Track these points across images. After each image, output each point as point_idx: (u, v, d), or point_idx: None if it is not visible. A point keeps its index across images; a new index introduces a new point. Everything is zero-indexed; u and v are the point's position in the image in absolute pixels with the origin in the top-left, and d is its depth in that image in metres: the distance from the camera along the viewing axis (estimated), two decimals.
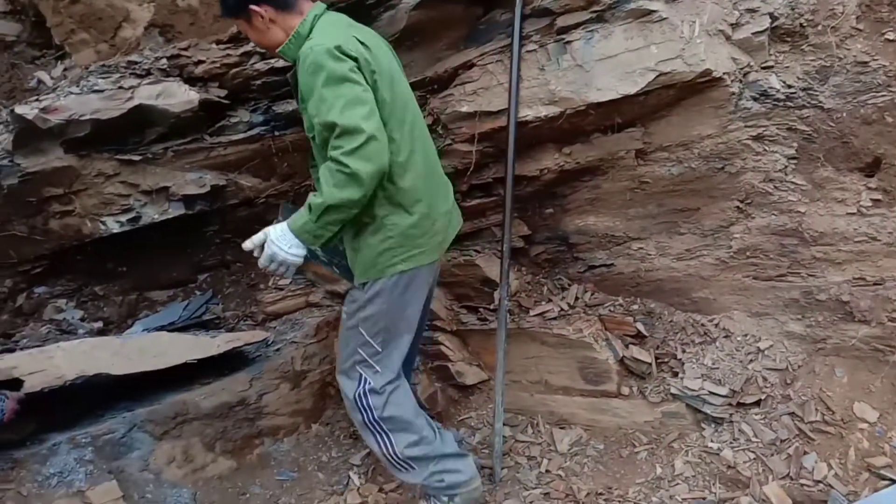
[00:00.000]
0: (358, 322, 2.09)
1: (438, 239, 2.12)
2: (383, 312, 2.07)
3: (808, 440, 2.38)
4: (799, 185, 2.37)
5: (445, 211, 2.16)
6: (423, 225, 2.05)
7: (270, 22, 1.99)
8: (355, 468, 2.63)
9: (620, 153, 2.44)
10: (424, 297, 2.21)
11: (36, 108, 2.32)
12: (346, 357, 2.15)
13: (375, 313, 2.07)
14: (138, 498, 2.37)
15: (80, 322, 2.78)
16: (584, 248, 2.72)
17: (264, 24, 1.99)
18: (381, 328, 2.08)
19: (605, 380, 2.65)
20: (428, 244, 2.08)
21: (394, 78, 2.03)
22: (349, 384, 2.14)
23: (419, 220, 2.03)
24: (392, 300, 2.06)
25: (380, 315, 2.07)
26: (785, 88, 2.28)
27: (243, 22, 2.04)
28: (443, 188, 2.20)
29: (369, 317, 2.07)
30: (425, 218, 2.05)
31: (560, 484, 2.51)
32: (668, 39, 2.22)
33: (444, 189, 2.21)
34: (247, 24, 2.03)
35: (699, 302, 2.63)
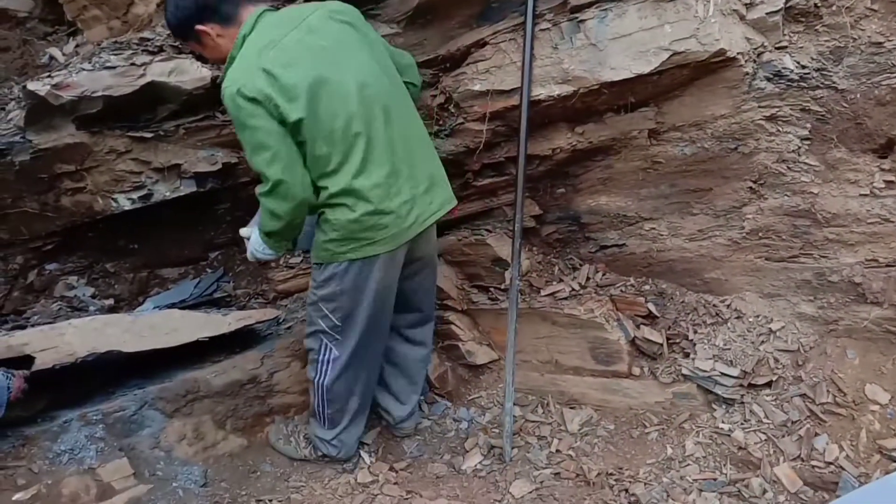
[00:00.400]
0: (318, 298, 2.24)
1: (393, 231, 2.10)
2: (337, 294, 2.19)
3: (819, 422, 2.38)
4: (812, 166, 2.36)
5: (405, 201, 2.10)
6: (367, 221, 2.06)
7: (219, 37, 2.06)
8: (366, 447, 2.63)
9: (633, 133, 2.43)
10: (388, 281, 2.21)
11: (48, 85, 2.31)
12: (309, 323, 2.35)
13: (330, 294, 2.19)
14: (149, 475, 2.37)
15: (92, 299, 2.79)
16: (595, 228, 2.72)
17: (214, 41, 2.07)
18: (338, 306, 2.21)
19: (616, 360, 2.65)
20: (378, 237, 2.09)
21: (323, 82, 1.98)
22: (314, 347, 2.34)
23: (361, 217, 2.05)
24: (344, 284, 2.17)
25: (334, 295, 2.19)
26: (799, 69, 2.27)
27: (194, 43, 2.13)
28: (405, 177, 2.11)
29: (325, 296, 2.20)
30: (370, 214, 2.06)
31: (570, 464, 2.51)
32: (682, 19, 2.21)
33: (408, 176, 2.12)
34: (198, 44, 2.12)
35: (711, 283, 2.63)
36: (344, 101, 2.01)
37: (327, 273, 2.18)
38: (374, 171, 2.06)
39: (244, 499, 2.42)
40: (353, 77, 2.04)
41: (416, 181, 2.14)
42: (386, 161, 2.08)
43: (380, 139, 2.07)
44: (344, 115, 2.01)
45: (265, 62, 1.95)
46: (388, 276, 2.21)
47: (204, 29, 2.04)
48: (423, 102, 2.57)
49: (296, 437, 2.58)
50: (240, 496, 2.43)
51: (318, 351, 2.33)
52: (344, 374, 2.35)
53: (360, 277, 2.16)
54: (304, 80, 1.96)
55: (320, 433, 2.49)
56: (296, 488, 2.48)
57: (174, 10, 2.06)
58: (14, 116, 2.40)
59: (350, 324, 2.25)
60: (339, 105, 2.01)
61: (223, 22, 2.04)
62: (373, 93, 2.06)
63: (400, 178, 2.10)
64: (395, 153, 2.09)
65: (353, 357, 2.32)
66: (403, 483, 2.50)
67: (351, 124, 2.02)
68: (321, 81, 1.98)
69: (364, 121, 2.04)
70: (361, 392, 2.44)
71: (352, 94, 2.03)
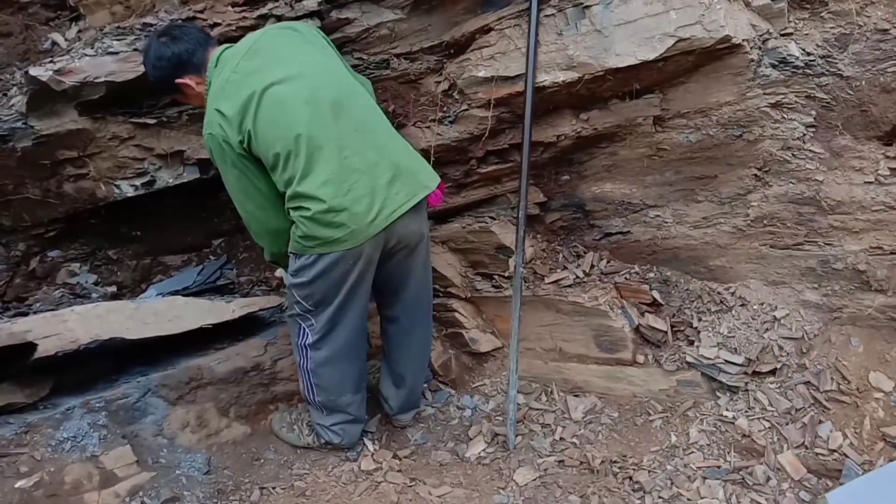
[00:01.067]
0: (291, 284, 2.26)
1: (352, 227, 2.07)
2: (306, 283, 2.20)
3: (823, 409, 2.38)
4: (817, 154, 2.36)
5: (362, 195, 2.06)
6: (323, 218, 2.06)
7: (198, 86, 2.17)
8: (369, 434, 2.63)
9: (638, 120, 2.43)
10: (357, 275, 2.17)
11: (50, 70, 2.30)
12: (288, 307, 2.38)
13: (301, 282, 2.21)
14: (152, 463, 2.36)
15: (94, 286, 2.78)
16: (600, 216, 2.71)
17: (195, 91, 2.18)
18: (308, 294, 2.23)
19: (621, 348, 2.65)
20: (337, 234, 2.08)
21: (254, 97, 2.04)
22: (294, 331, 2.37)
23: (315, 215, 2.05)
24: (312, 275, 2.17)
25: (305, 284, 2.21)
26: (804, 56, 2.27)
27: (179, 94, 2.25)
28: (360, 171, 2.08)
29: (297, 283, 2.23)
30: (324, 212, 2.05)
31: (574, 451, 2.51)
32: (687, 5, 2.20)
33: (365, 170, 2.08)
34: (182, 95, 2.24)
35: (716, 270, 2.62)
36: (282, 107, 2.04)
37: (298, 263, 2.20)
38: (320, 169, 2.04)
39: (247, 486, 2.41)
40: (292, 80, 2.06)
41: (376, 173, 2.09)
42: (334, 157, 2.05)
43: (327, 136, 2.05)
44: (285, 122, 2.04)
45: (216, 102, 2.08)
46: (356, 269, 2.17)
47: (183, 82, 2.16)
48: (426, 89, 2.56)
49: (299, 426, 2.57)
50: (243, 484, 2.42)
51: (297, 334, 2.34)
52: (329, 365, 2.34)
53: (328, 270, 2.16)
54: (237, 103, 2.05)
55: (319, 419, 2.48)
56: (299, 476, 2.47)
57: (153, 69, 2.17)
58: (16, 102, 2.39)
59: (322, 311, 2.25)
60: (278, 112, 2.04)
61: (198, 71, 2.15)
62: (316, 90, 2.08)
63: (354, 173, 2.06)
64: (346, 147, 2.07)
65: (330, 344, 2.29)
66: (407, 470, 2.50)
67: (292, 128, 2.04)
68: (251, 97, 2.04)
69: (306, 121, 2.04)
70: (353, 387, 2.42)
71: (290, 99, 2.05)
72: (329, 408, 2.43)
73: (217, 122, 2.07)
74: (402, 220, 2.15)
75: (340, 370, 2.37)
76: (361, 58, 2.52)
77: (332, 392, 2.40)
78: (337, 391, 2.40)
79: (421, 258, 2.37)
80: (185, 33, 2.15)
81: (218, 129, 2.07)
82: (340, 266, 2.15)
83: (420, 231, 2.28)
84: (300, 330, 2.32)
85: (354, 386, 2.43)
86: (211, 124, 2.09)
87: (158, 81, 2.20)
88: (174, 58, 2.12)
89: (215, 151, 2.12)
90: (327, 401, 2.41)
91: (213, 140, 2.09)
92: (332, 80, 2.14)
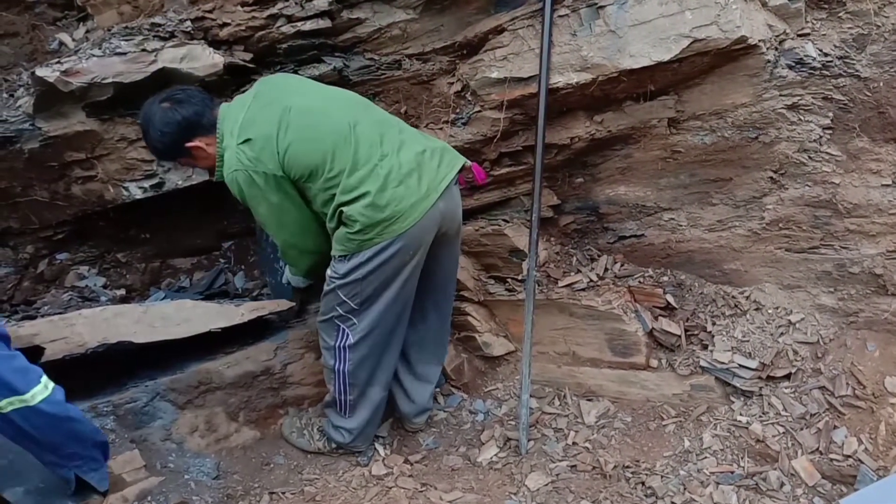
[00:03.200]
0: (337, 286, 2.23)
1: (410, 200, 2.13)
2: (360, 280, 2.19)
3: (838, 414, 2.36)
4: (834, 156, 2.34)
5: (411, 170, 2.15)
6: (381, 201, 2.10)
7: (208, 146, 2.16)
8: (380, 439, 2.61)
9: (653, 121, 2.40)
10: (414, 261, 2.23)
11: (57, 71, 2.27)
12: (323, 313, 2.34)
13: (353, 280, 2.20)
14: (160, 467, 2.34)
15: (103, 289, 2.75)
16: (614, 219, 2.69)
17: (206, 152, 2.16)
18: (358, 291, 2.22)
19: (634, 352, 2.63)
20: (399, 211, 2.12)
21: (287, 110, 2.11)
22: (329, 334, 2.34)
23: (374, 200, 2.09)
24: (371, 268, 2.17)
25: (357, 281, 2.20)
26: (821, 57, 2.24)
27: (187, 159, 2.22)
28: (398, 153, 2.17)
29: (347, 283, 2.21)
30: (382, 193, 2.10)
31: (587, 456, 2.49)
32: (703, 5, 2.18)
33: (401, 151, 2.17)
34: (190, 159, 2.21)
35: (730, 274, 2.60)
36: (313, 115, 2.14)
37: (353, 263, 2.18)
38: (366, 159, 2.12)
39: (257, 491, 2.39)
40: (310, 98, 2.20)
41: (414, 154, 2.18)
42: (376, 146, 2.14)
43: (364, 130, 2.15)
44: (322, 127, 2.13)
45: (239, 138, 2.08)
46: (413, 254, 2.21)
47: (194, 144, 2.14)
48: (439, 90, 2.54)
49: (309, 430, 2.55)
50: (253, 489, 2.40)
51: (336, 337, 2.32)
52: (365, 361, 2.34)
53: (389, 259, 2.17)
54: (266, 126, 2.08)
55: (339, 421, 2.46)
56: (309, 481, 2.45)
57: (159, 136, 2.12)
58: (23, 103, 2.36)
59: (368, 307, 2.25)
60: (312, 120, 2.13)
61: (209, 132, 2.14)
62: (335, 100, 2.22)
63: (396, 156, 2.16)
64: (383, 135, 2.17)
65: (370, 341, 2.31)
66: (418, 475, 2.48)
67: (331, 130, 2.12)
68: (280, 118, 2.09)
69: (341, 121, 2.14)
70: (383, 382, 2.43)
71: (317, 108, 2.16)
72: (355, 407, 2.42)
73: (245, 156, 2.06)
74: (449, 193, 2.23)
75: (377, 364, 2.38)
76: (373, 58, 2.50)
77: (365, 387, 2.39)
78: (371, 386, 2.40)
79: (457, 249, 2.48)
80: (189, 96, 2.15)
81: (247, 161, 2.07)
82: (400, 253, 2.16)
83: (459, 213, 2.36)
84: (339, 332, 2.30)
85: (387, 381, 2.44)
86: (237, 161, 2.08)
87: (166, 148, 2.16)
88: (184, 122, 2.10)
89: (246, 187, 2.09)
90: (356, 399, 2.40)
91: (243, 175, 2.07)
92: (343, 94, 2.28)
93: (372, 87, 2.57)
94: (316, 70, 2.48)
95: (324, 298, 2.31)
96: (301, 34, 2.40)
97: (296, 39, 2.41)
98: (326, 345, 2.36)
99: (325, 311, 2.33)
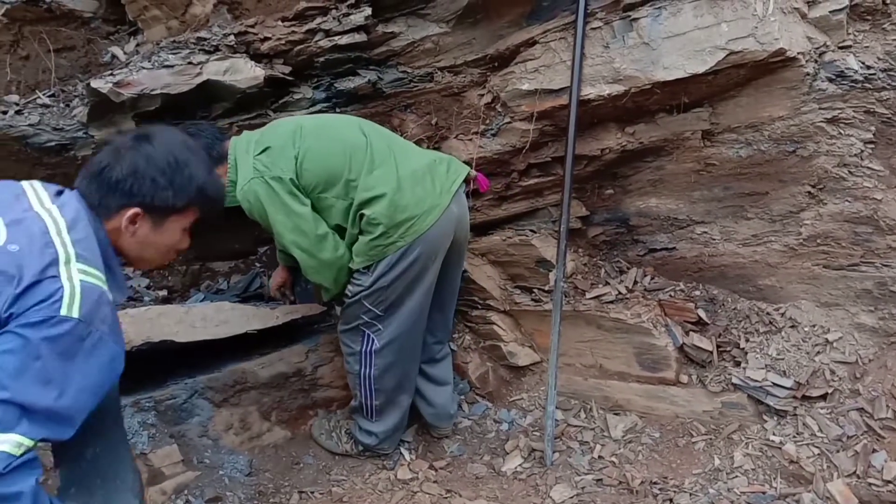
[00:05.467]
0: (361, 297, 2.28)
1: (428, 201, 2.20)
2: (385, 287, 2.24)
3: (877, 437, 2.28)
4: (875, 171, 2.27)
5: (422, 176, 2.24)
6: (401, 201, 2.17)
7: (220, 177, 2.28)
8: (406, 444, 2.64)
9: (686, 134, 2.38)
10: (433, 265, 2.28)
11: (110, 83, 2.38)
12: (346, 321, 2.39)
13: (379, 288, 2.24)
14: (197, 462, 2.42)
15: (146, 290, 2.87)
16: (644, 231, 2.67)
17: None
18: (383, 298, 2.27)
19: (664, 367, 2.59)
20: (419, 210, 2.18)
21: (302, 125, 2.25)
22: (354, 340, 2.38)
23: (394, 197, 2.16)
24: (393, 275, 2.22)
25: (382, 289, 2.25)
26: (863, 69, 2.18)
27: None
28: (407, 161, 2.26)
29: (372, 291, 2.25)
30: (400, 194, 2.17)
31: (613, 471, 2.47)
32: (740, 17, 2.15)
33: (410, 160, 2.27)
34: None
35: (765, 290, 2.54)
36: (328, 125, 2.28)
37: (377, 273, 2.23)
38: (380, 162, 2.21)
39: (287, 489, 2.46)
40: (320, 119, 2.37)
41: (421, 162, 2.28)
42: (387, 154, 2.24)
43: (374, 139, 2.26)
44: (336, 134, 2.24)
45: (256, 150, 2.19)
46: (431, 260, 2.26)
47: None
48: (469, 102, 2.56)
49: (337, 433, 2.61)
50: (283, 487, 2.47)
51: (361, 342, 2.36)
52: (392, 366, 2.38)
53: (408, 265, 2.22)
54: (282, 136, 2.19)
55: (366, 425, 2.51)
56: (337, 482, 2.51)
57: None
58: (77, 112, 2.49)
59: (393, 312, 2.30)
60: (327, 129, 2.25)
61: (219, 162, 2.21)
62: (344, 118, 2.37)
63: (407, 162, 2.25)
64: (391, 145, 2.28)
65: (396, 346, 2.35)
66: (443, 482, 2.50)
67: (345, 136, 2.24)
68: (295, 130, 2.21)
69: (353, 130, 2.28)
70: (408, 386, 2.47)
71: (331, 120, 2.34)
72: (381, 412, 2.46)
73: (262, 163, 2.15)
74: (459, 196, 2.31)
75: (402, 370, 2.42)
76: (406, 71, 2.54)
77: (392, 392, 2.43)
78: (397, 391, 2.45)
79: (464, 260, 2.55)
80: (200, 130, 2.27)
81: (262, 167, 2.14)
82: (422, 257, 2.22)
83: (468, 219, 2.43)
84: (364, 338, 2.35)
85: (412, 385, 2.49)
86: (253, 171, 2.16)
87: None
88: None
89: (263, 193, 2.15)
90: (384, 403, 2.45)
91: (259, 182, 2.14)
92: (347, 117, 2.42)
93: (404, 100, 2.62)
94: (351, 83, 2.55)
95: (347, 310, 2.35)
96: (338, 48, 2.47)
97: (332, 53, 2.48)
98: (351, 350, 2.41)
99: (348, 321, 2.38)
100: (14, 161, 2.41)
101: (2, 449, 1.21)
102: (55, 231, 1.33)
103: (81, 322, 1.25)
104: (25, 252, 1.27)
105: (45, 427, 1.25)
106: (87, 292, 1.28)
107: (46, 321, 1.22)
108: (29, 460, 1.25)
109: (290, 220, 2.17)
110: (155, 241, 1.52)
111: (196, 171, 1.50)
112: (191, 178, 1.48)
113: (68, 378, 1.26)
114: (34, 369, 1.22)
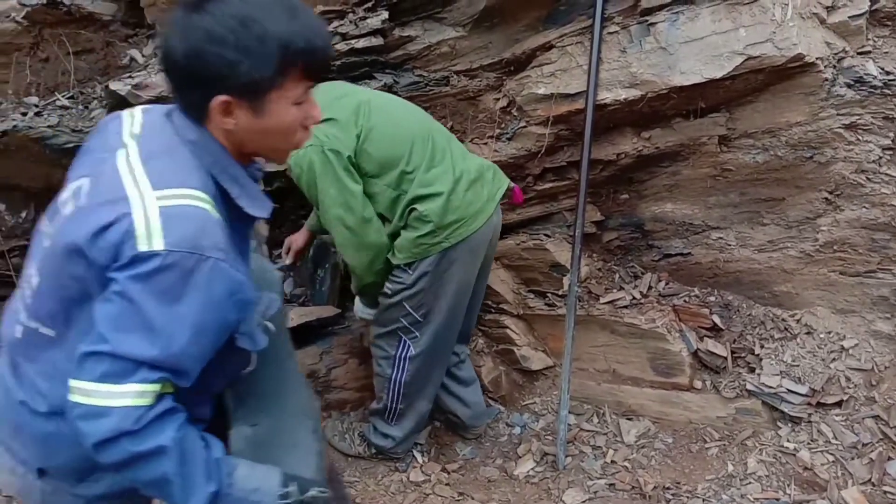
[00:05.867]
0: (402, 298, 2.22)
1: (477, 205, 2.17)
2: (425, 289, 2.19)
3: (892, 445, 2.27)
4: (894, 178, 2.25)
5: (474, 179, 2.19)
6: (456, 198, 2.13)
7: None
8: (419, 446, 2.65)
9: (703, 139, 2.37)
10: (469, 275, 2.26)
11: (129, 85, 2.40)
12: (383, 324, 2.32)
13: (418, 290, 2.19)
14: None
15: None
16: (659, 236, 2.66)
17: None
18: (423, 302, 2.22)
19: (678, 372, 2.59)
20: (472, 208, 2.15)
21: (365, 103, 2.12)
22: (389, 344, 2.33)
23: (450, 197, 2.12)
24: (434, 277, 2.18)
25: (422, 291, 2.20)
26: (883, 75, 2.17)
27: None
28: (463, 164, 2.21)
29: (412, 294, 2.20)
30: (455, 191, 2.13)
31: (626, 476, 2.47)
32: (758, 22, 2.15)
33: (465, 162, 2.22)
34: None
35: (780, 296, 2.54)
36: (390, 109, 2.17)
37: (419, 272, 2.17)
38: (439, 158, 2.16)
39: None
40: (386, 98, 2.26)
41: (475, 162, 2.25)
42: (446, 150, 2.18)
43: (436, 137, 2.20)
44: (400, 121, 2.16)
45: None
46: (470, 266, 2.25)
47: None
48: (485, 105, 2.57)
49: (350, 435, 2.62)
50: None
51: (397, 347, 2.31)
52: (421, 373, 2.36)
53: (448, 268, 2.19)
54: (346, 111, 2.08)
55: (384, 428, 2.49)
56: (350, 483, 2.51)
57: None
58: (97, 115, 2.51)
59: (430, 319, 2.26)
60: (390, 113, 2.15)
61: None
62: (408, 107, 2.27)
63: (461, 162, 2.20)
64: (449, 143, 2.23)
65: (429, 352, 2.32)
66: (455, 485, 2.51)
67: (409, 124, 2.16)
68: (360, 105, 2.10)
69: (415, 120, 2.21)
70: (431, 394, 2.46)
71: (391, 102, 2.22)
72: (403, 415, 2.45)
73: (324, 132, 2.00)
74: (498, 207, 2.28)
75: (431, 377, 2.41)
76: (422, 75, 2.55)
77: (416, 397, 2.41)
78: (422, 397, 2.43)
79: (490, 269, 2.51)
80: None
81: (324, 137, 2.00)
82: (461, 262, 2.19)
83: (499, 232, 2.38)
84: (401, 343, 2.31)
85: (434, 394, 2.48)
86: (313, 137, 1.93)
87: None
88: None
89: (318, 163, 2.02)
90: (406, 408, 2.43)
91: (317, 151, 2.01)
92: (409, 103, 2.32)
93: (420, 103, 2.61)
94: (367, 86, 2.55)
95: (386, 311, 2.29)
96: (354, 51, 2.46)
97: (349, 56, 2.48)
98: (385, 354, 2.36)
99: (386, 323, 2.31)
100: (33, 162, 2.43)
101: (123, 404, 1.04)
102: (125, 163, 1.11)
103: (172, 252, 1.03)
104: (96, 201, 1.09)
105: (161, 372, 1.06)
106: (173, 218, 1.04)
107: (131, 262, 1.03)
108: (166, 410, 1.08)
109: (341, 195, 2.06)
110: (267, 126, 1.13)
111: (269, 24, 1.08)
112: (264, 37, 1.07)
113: (174, 322, 1.05)
114: (128, 315, 1.04)
